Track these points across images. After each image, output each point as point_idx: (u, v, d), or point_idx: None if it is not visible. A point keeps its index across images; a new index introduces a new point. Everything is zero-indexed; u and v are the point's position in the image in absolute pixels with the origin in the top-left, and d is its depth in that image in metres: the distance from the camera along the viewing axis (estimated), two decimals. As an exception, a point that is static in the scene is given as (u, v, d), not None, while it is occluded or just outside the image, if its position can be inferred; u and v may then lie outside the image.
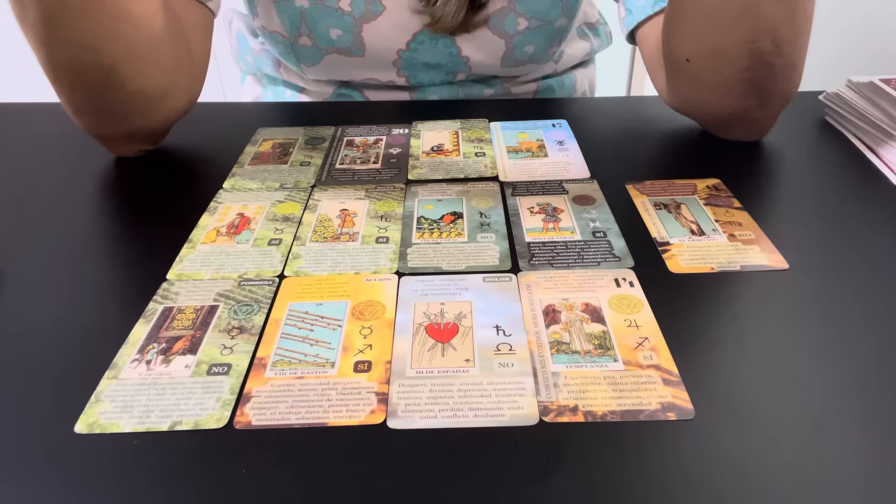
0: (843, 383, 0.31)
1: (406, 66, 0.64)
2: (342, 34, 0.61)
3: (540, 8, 0.61)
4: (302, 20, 0.61)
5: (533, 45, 0.63)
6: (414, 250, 0.41)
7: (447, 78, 0.66)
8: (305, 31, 0.61)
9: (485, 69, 0.65)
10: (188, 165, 0.53)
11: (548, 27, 0.63)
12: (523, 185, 0.48)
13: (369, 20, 0.60)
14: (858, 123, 0.54)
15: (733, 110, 0.50)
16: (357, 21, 0.60)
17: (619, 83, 1.84)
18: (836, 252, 0.40)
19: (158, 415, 0.30)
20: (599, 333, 0.34)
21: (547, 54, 0.66)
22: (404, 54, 0.63)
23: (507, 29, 0.62)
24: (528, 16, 0.61)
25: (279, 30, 0.62)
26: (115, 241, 0.44)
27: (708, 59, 0.47)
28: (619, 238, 0.42)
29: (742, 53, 0.46)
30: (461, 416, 0.30)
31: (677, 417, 0.29)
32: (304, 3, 0.60)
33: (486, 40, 0.62)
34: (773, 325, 0.35)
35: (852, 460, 0.28)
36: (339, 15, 0.60)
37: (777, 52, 0.46)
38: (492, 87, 0.68)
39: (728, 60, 0.47)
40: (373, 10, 0.60)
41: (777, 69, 0.47)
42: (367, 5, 0.60)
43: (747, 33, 0.45)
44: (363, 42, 0.62)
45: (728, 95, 0.49)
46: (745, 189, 0.47)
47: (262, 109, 0.64)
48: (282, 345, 0.34)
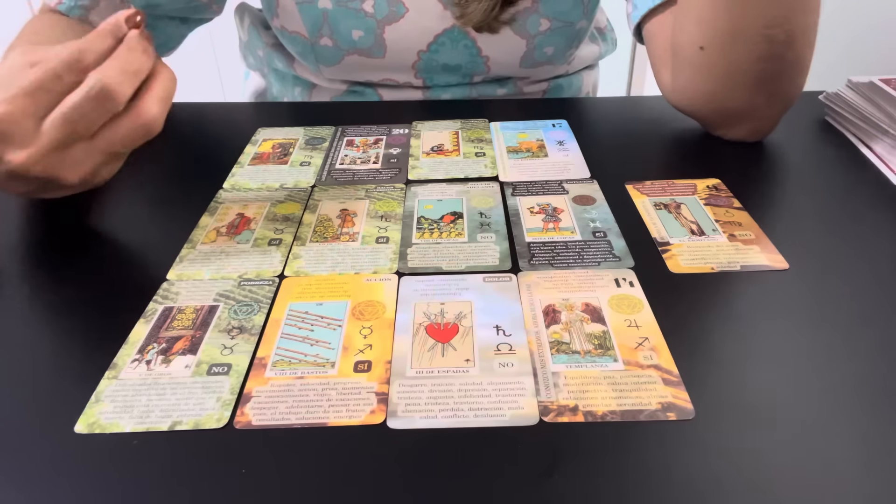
0: (842, 383, 0.31)
1: (425, 69, 0.65)
2: (364, 35, 0.61)
3: (562, 9, 0.62)
4: (324, 21, 0.61)
5: (552, 47, 0.64)
6: (414, 250, 0.41)
7: (464, 80, 0.66)
8: (327, 31, 0.62)
9: (503, 70, 0.66)
10: (188, 165, 0.53)
11: (569, 28, 0.63)
12: (523, 185, 0.48)
13: (392, 22, 0.61)
14: (858, 123, 0.54)
15: (741, 105, 0.50)
16: (379, 23, 0.61)
17: (619, 83, 1.84)
18: (836, 252, 0.40)
19: (158, 415, 0.30)
20: (599, 333, 0.34)
21: (564, 56, 0.67)
22: (424, 56, 0.63)
23: (529, 29, 0.62)
24: (550, 17, 0.61)
25: (300, 30, 0.62)
26: (115, 240, 0.44)
27: (723, 46, 0.48)
28: (619, 238, 0.42)
29: (757, 40, 0.46)
30: (461, 416, 0.30)
31: (677, 417, 0.29)
32: (326, 5, 0.60)
33: (507, 40, 0.62)
34: (773, 325, 0.35)
35: (852, 460, 0.27)
36: (361, 16, 0.60)
37: (789, 42, 0.46)
38: (505, 86, 0.68)
39: (743, 48, 0.47)
40: (396, 11, 0.60)
41: (787, 63, 0.48)
42: (390, 7, 0.60)
43: (763, 18, 0.45)
44: (384, 43, 0.62)
45: (737, 88, 0.49)
46: (745, 189, 0.47)
47: (262, 109, 0.64)
48: (282, 345, 0.34)
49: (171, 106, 0.39)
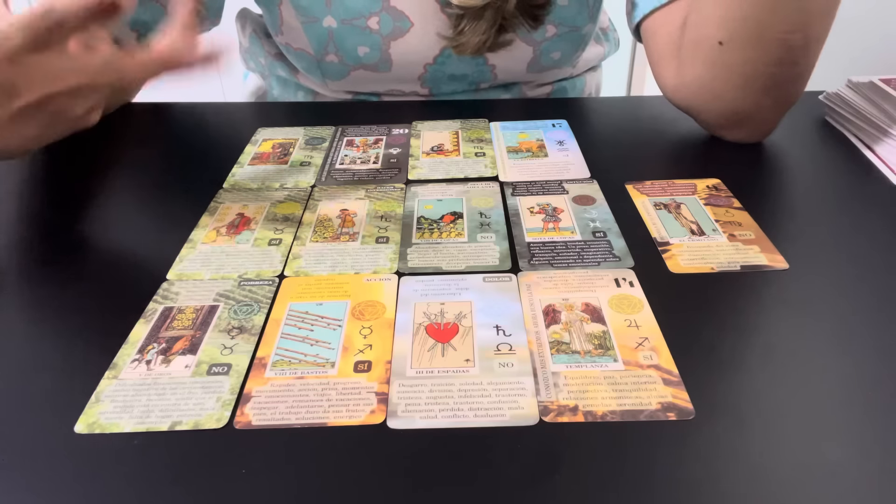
0: (843, 383, 0.31)
1: (431, 80, 0.64)
2: (369, 51, 0.61)
3: (568, 14, 0.61)
4: (329, 39, 0.61)
5: (559, 52, 0.64)
6: (414, 250, 0.41)
7: (470, 87, 0.66)
8: (332, 49, 0.61)
9: (510, 76, 0.65)
10: (188, 165, 0.53)
11: (575, 33, 0.63)
12: (523, 185, 0.48)
13: (397, 37, 0.60)
14: (858, 123, 0.54)
15: (746, 106, 0.50)
16: (385, 39, 0.60)
17: (620, 83, 1.84)
18: (836, 252, 0.40)
19: (158, 415, 0.30)
20: (599, 333, 0.34)
21: (571, 59, 0.66)
22: (431, 68, 0.63)
23: (536, 36, 0.62)
24: (556, 23, 0.61)
25: (305, 48, 0.62)
26: (115, 240, 0.44)
27: (743, 45, 0.47)
28: (619, 238, 0.42)
29: (776, 44, 0.46)
30: (461, 416, 0.30)
31: (677, 417, 0.29)
32: (331, 24, 0.60)
33: (514, 48, 0.62)
34: (773, 325, 0.35)
35: (852, 460, 0.27)
36: (367, 33, 0.60)
37: (804, 48, 0.47)
38: (510, 91, 0.68)
39: (761, 49, 0.47)
40: (401, 26, 0.60)
41: (798, 68, 0.48)
42: (395, 23, 0.60)
43: (787, 23, 0.46)
44: (390, 58, 0.62)
45: (747, 89, 0.49)
46: (745, 189, 0.47)
47: (262, 109, 0.64)
48: (282, 345, 0.34)
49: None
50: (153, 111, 0.62)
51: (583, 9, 0.62)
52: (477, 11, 0.57)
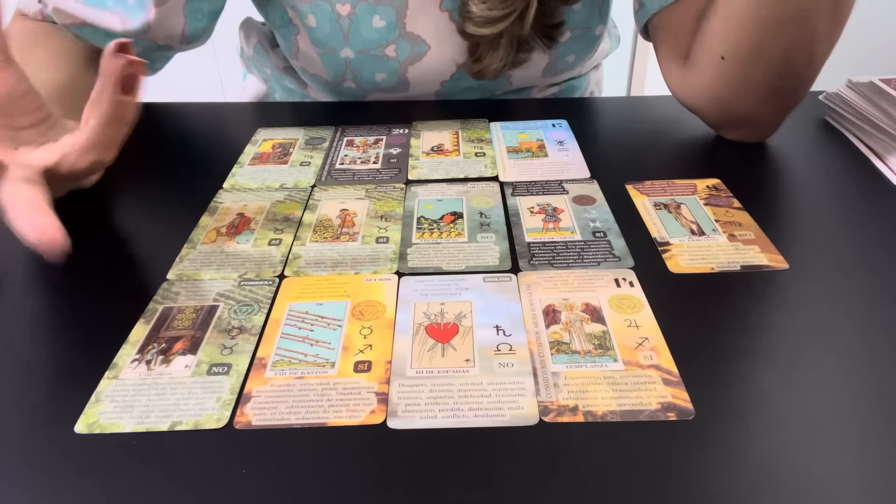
0: (843, 383, 0.31)
1: (447, 93, 0.65)
2: (387, 77, 0.61)
3: (581, 17, 0.61)
4: (347, 68, 0.61)
5: (574, 55, 0.64)
6: (414, 250, 0.41)
7: (485, 95, 0.66)
8: (350, 76, 0.62)
9: (526, 82, 0.66)
10: (188, 165, 0.53)
11: (589, 34, 0.63)
12: (523, 185, 0.48)
13: (414, 62, 0.60)
14: (858, 123, 0.54)
15: (749, 111, 0.51)
16: (402, 64, 0.60)
17: (619, 83, 1.84)
18: (836, 252, 0.40)
19: (158, 415, 0.30)
20: (599, 333, 0.34)
21: (584, 61, 0.66)
22: (447, 84, 0.63)
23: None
24: (570, 27, 0.61)
25: (322, 75, 0.63)
26: (115, 240, 0.44)
27: (745, 60, 0.48)
28: (619, 238, 0.42)
29: (779, 60, 0.47)
30: (461, 416, 0.30)
31: (677, 417, 0.29)
32: (349, 54, 0.60)
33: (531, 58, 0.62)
34: (773, 325, 0.35)
35: (852, 460, 0.27)
36: (385, 61, 0.60)
37: (808, 63, 0.47)
38: (521, 93, 0.68)
39: (764, 64, 0.47)
40: (418, 50, 0.60)
41: (801, 79, 0.49)
42: (412, 47, 0.59)
43: (790, 40, 0.46)
44: (408, 80, 0.62)
45: (748, 96, 0.50)
46: (745, 189, 0.47)
47: (262, 109, 0.64)
48: (282, 345, 0.34)
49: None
50: (153, 111, 0.62)
51: (594, 10, 0.62)
52: (493, 39, 0.56)
